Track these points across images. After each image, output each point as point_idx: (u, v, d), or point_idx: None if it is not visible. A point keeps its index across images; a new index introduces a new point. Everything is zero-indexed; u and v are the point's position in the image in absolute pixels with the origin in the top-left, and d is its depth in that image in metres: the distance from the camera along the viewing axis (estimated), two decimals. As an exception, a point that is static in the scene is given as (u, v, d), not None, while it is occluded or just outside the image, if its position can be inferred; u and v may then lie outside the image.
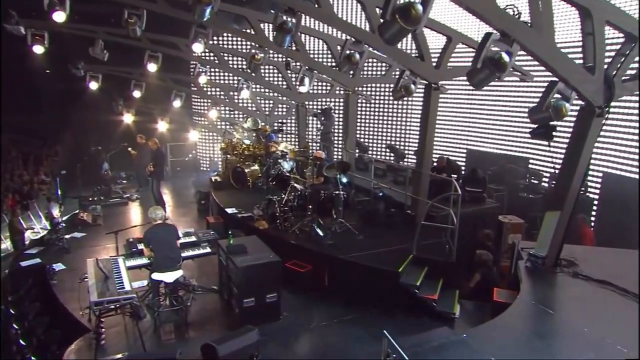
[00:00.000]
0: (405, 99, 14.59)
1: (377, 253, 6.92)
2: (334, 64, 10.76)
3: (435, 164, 9.69)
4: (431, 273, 6.69)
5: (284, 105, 15.75)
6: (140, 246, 6.38)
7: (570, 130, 6.17)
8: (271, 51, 11.12)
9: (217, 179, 11.58)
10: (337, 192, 7.74)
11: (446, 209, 7.03)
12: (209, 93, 15.79)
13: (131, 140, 12.96)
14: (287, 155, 10.00)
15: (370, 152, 14.64)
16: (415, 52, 8.07)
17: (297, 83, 10.73)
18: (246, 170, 10.98)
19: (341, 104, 15.25)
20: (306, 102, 13.76)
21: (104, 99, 13.45)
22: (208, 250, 6.81)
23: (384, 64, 13.96)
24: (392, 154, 13.77)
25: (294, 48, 10.53)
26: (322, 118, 12.41)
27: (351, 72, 7.64)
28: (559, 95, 5.16)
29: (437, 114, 8.50)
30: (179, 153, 15.92)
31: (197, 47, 8.91)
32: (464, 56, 12.38)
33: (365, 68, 14.27)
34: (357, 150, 12.22)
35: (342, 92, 14.24)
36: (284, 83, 13.97)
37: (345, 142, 11.31)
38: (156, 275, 5.93)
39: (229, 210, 9.08)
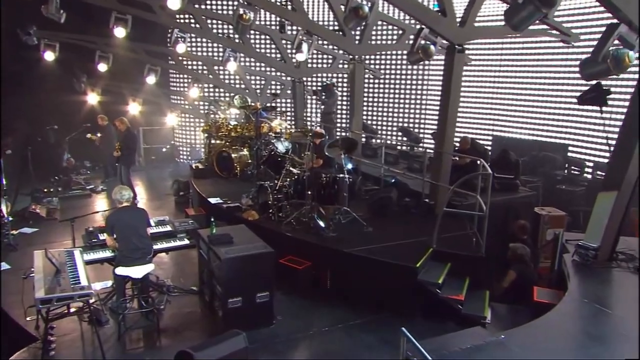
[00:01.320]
0: (421, 75, 14.52)
1: (389, 246, 6.83)
2: (337, 28, 10.48)
3: (457, 147, 9.57)
4: (455, 270, 6.62)
5: (278, 83, 15.63)
6: (103, 237, 6.11)
7: (631, 93, 5.86)
8: (262, 11, 10.92)
9: (198, 166, 11.62)
10: (340, 175, 7.62)
11: (472, 196, 6.96)
12: (189, 68, 15.64)
13: (96, 124, 12.70)
14: (282, 136, 9.74)
15: (379, 137, 14.51)
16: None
17: (294, 50, 10.53)
18: (233, 156, 10.88)
19: (345, 80, 15.19)
20: (304, 78, 13.64)
21: (63, 74, 13.12)
22: (186, 242, 6.61)
23: (395, 29, 13.77)
24: (405, 139, 13.69)
25: (289, 7, 10.28)
26: (323, 95, 12.20)
27: (358, 29, 7.39)
28: (619, 43, 4.81)
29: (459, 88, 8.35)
30: (154, 139, 15.73)
31: (174, 3, 8.64)
32: (493, 13, 12.34)
33: (374, 34, 14.12)
34: (363, 134, 12.17)
35: (346, 65, 14.18)
36: (278, 54, 13.76)
37: (351, 122, 11.16)
38: (121, 270, 5.72)
39: (212, 201, 8.97)
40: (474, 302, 6.20)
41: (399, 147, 13.14)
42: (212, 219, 6.35)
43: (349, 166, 8.26)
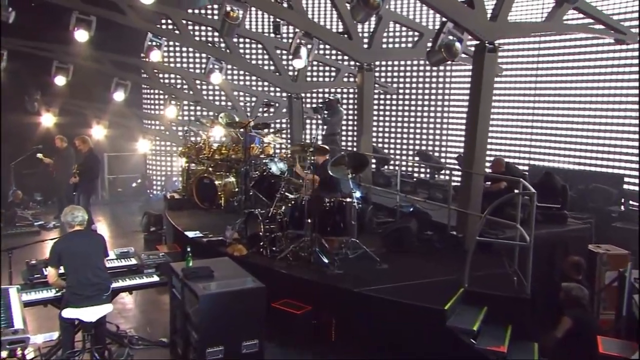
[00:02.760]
0: (441, 87, 14.59)
1: (409, 286, 6.78)
2: (341, 30, 10.48)
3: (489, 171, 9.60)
4: (494, 315, 6.47)
5: (272, 103, 15.66)
6: (48, 271, 5.80)
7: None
8: (253, 15, 11.00)
9: (174, 195, 11.66)
10: (348, 199, 7.56)
11: (510, 228, 6.98)
12: (165, 83, 15.81)
13: (51, 147, 12.54)
14: (275, 157, 9.69)
15: (393, 159, 14.57)
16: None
17: (290, 55, 10.50)
18: (217, 183, 10.85)
19: (351, 96, 15.21)
20: (302, 94, 13.71)
21: (12, 90, 13.04)
22: (155, 279, 6.47)
23: (410, 32, 13.85)
24: (423, 164, 13.72)
25: (285, 4, 10.31)
26: (325, 114, 12.16)
27: (367, 33, 7.34)
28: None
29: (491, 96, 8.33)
30: (122, 168, 15.78)
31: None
32: (531, 6, 12.38)
33: (386, 38, 14.26)
34: (374, 157, 12.18)
35: (352, 79, 14.24)
36: (272, 66, 13.87)
37: (358, 142, 11.10)
38: (69, 312, 5.44)
39: (190, 234, 8.92)
40: (519, 355, 6.03)
41: (416, 175, 13.14)
42: (189, 249, 6.16)
43: (357, 194, 8.13)
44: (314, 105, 14.40)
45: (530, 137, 13.05)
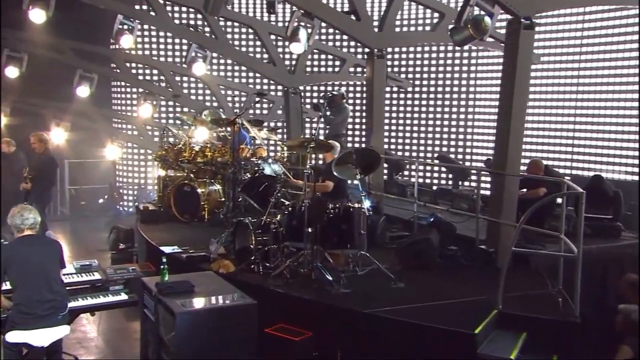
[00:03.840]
0: (466, 80, 14.59)
1: (431, 307, 6.79)
2: (347, 9, 10.49)
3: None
4: (535, 342, 6.42)
5: (265, 101, 15.80)
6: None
7: None
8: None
9: (148, 207, 11.73)
10: (356, 205, 7.60)
11: (552, 241, 7.20)
12: (139, 77, 15.85)
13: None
14: (269, 159, 9.76)
15: (409, 169, 14.54)
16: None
17: (287, 38, 10.51)
18: (199, 191, 10.84)
19: (357, 90, 15.26)
20: (301, 88, 13.70)
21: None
22: (123, 297, 6.43)
23: (429, 14, 13.90)
24: (444, 169, 13.89)
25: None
26: (328, 112, 12.15)
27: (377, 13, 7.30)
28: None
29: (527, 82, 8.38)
30: (86, 178, 15.78)
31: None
32: None
33: (400, 20, 14.34)
34: (385, 164, 12.29)
35: (359, 72, 14.23)
36: (265, 55, 13.85)
37: (368, 143, 11.17)
38: (15, 336, 5.33)
39: (167, 250, 8.92)
40: (568, 390, 5.99)
41: (436, 183, 13.23)
42: (164, 260, 6.13)
43: (367, 203, 8.17)
44: (315, 102, 14.38)
45: (572, 142, 12.92)
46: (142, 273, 6.85)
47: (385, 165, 12.55)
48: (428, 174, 14.86)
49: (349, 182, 8.33)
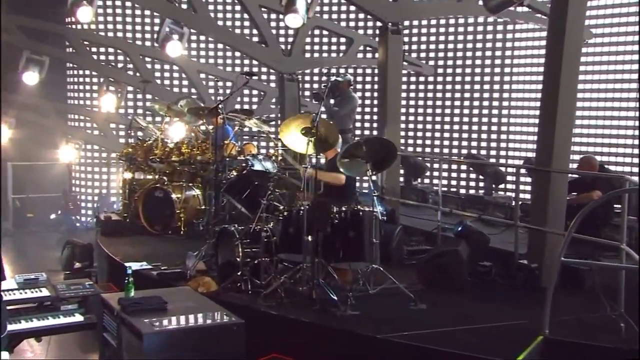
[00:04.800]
0: (499, 63, 14.67)
1: (459, 332, 6.78)
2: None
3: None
4: None
5: (254, 91, 15.96)
6: None
7: None
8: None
9: (110, 216, 11.85)
10: (366, 208, 7.65)
11: (613, 247, 7.14)
12: (100, 61, 15.84)
13: None
14: (259, 155, 9.97)
15: (429, 176, 14.54)
16: None
17: (282, 9, 10.55)
18: (174, 197, 10.87)
19: (368, 76, 15.30)
20: (298, 72, 13.73)
21: None
22: (77, 318, 6.35)
23: None
24: (474, 173, 13.91)
25: None
26: (332, 102, 12.14)
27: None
28: None
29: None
30: (35, 184, 15.86)
31: None
32: None
33: None
34: (401, 169, 12.35)
35: (369, 55, 14.19)
36: (255, 33, 13.90)
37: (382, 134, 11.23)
38: None
39: (134, 266, 8.87)
40: None
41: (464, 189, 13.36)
42: (129, 271, 6.13)
43: (379, 208, 8.16)
44: (316, 91, 14.32)
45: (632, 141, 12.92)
46: (101, 289, 6.82)
47: (402, 171, 12.62)
48: (454, 179, 14.94)
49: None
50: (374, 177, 7.79)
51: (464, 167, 14.63)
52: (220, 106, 10.40)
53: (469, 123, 15.12)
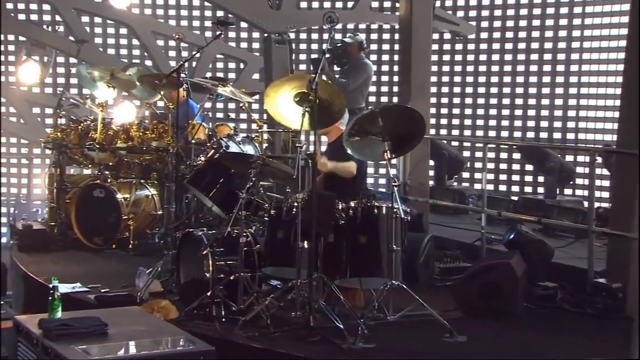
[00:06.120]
0: (566, 23, 14.84)
1: None
2: None
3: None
4: None
5: (230, 57, 16.13)
6: None
7: None
8: None
9: (30, 225, 11.81)
10: (382, 203, 7.76)
11: None
12: (19, 20, 15.99)
13: None
14: (237, 136, 10.09)
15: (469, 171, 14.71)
16: None
17: None
18: (120, 198, 10.95)
19: (384, 35, 15.57)
20: (291, 29, 14.02)
21: None
22: None
23: None
24: (531, 167, 13.96)
25: None
26: (337, 71, 12.18)
27: None
28: None
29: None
30: None
31: None
32: None
33: None
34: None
35: (385, 9, 14.24)
36: None
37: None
38: None
39: (64, 288, 8.71)
40: None
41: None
42: (54, 283, 6.14)
43: (401, 207, 8.21)
44: (316, 56, 14.36)
45: None
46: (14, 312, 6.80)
47: (432, 162, 12.74)
48: (503, 173, 15.07)
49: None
50: (393, 161, 7.73)
51: (517, 159, 14.74)
52: (182, 72, 10.43)
53: (524, 101, 15.25)
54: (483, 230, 9.95)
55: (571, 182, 13.30)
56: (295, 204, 7.52)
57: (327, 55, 11.92)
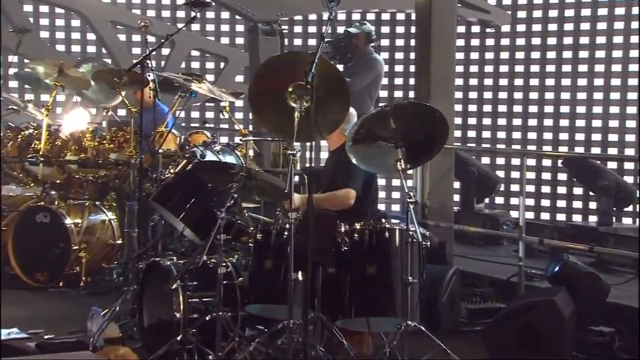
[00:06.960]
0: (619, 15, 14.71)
1: None
2: None
3: None
4: None
5: (207, 53, 16.31)
6: None
7: None
8: None
9: None
10: (395, 224, 7.72)
11: None
12: None
13: None
14: (215, 145, 10.12)
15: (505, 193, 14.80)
16: None
17: None
18: (69, 223, 10.97)
19: (398, 26, 15.62)
20: (282, 18, 14.13)
21: None
22: None
23: None
24: (581, 187, 14.13)
25: None
26: (341, 67, 12.27)
27: None
28: None
29: None
30: None
31: None
32: None
33: None
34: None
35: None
36: None
37: None
38: None
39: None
40: None
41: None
42: None
43: (418, 229, 8.11)
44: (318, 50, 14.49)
45: None
46: None
47: (457, 184, 12.86)
48: (545, 197, 14.99)
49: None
50: (409, 172, 7.69)
51: (562, 177, 14.70)
52: (148, 68, 10.41)
53: (571, 109, 15.33)
54: (521, 263, 9.89)
55: (631, 205, 13.30)
56: (287, 226, 7.36)
57: (326, 44, 11.89)
